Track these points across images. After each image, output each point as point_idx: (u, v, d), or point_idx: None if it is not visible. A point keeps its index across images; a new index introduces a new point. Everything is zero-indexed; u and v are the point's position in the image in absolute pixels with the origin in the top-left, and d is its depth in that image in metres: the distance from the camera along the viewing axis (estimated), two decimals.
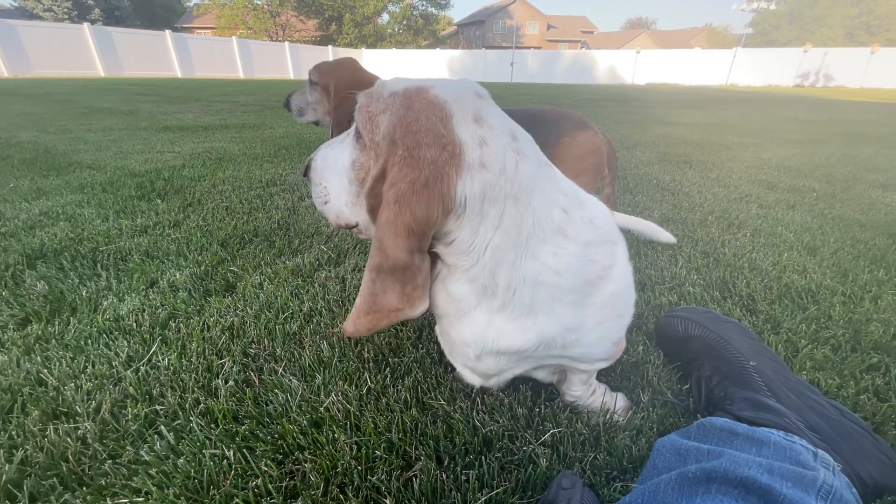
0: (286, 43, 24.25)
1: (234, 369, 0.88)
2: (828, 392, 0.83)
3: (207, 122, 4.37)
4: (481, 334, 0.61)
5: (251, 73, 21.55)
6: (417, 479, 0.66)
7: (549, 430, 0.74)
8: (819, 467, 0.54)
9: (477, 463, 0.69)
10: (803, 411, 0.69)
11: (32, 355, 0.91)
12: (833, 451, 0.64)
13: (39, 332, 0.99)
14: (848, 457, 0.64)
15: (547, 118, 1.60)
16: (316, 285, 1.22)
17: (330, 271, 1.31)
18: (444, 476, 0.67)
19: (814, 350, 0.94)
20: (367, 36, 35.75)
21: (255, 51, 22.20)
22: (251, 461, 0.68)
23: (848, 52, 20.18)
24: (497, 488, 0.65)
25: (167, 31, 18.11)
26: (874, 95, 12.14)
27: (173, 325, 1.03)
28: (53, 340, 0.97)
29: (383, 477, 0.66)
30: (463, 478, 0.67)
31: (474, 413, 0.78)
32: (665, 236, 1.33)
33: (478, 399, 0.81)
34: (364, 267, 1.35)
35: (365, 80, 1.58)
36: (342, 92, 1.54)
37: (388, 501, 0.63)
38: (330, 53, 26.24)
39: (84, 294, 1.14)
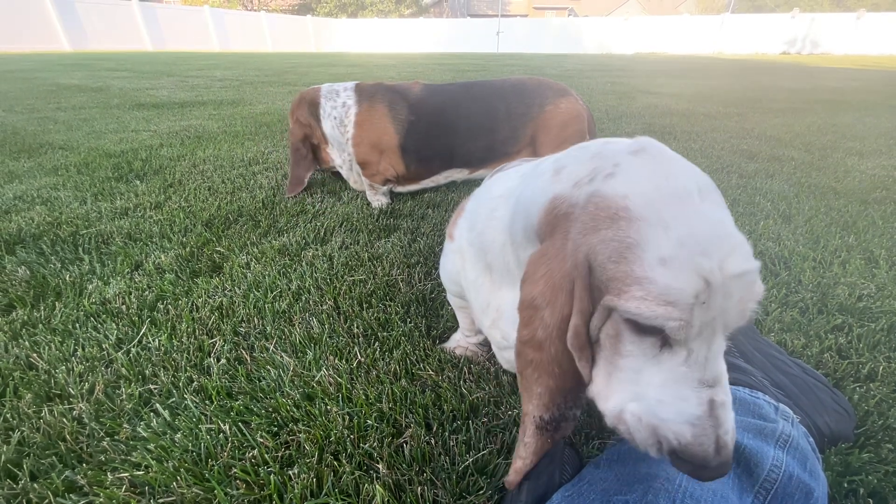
0: (262, 12, 23.13)
1: (225, 348, 0.90)
2: (793, 351, 0.88)
3: (183, 99, 4.22)
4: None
5: (226, 46, 20.60)
6: (408, 445, 0.69)
7: None
8: (779, 419, 0.59)
9: (464, 428, 0.72)
10: (769, 370, 0.74)
11: (20, 340, 0.91)
12: (794, 404, 0.69)
13: (25, 318, 0.98)
14: (808, 409, 0.69)
15: (529, 87, 1.60)
16: (303, 264, 1.22)
17: (317, 249, 1.31)
18: (434, 441, 0.70)
19: (782, 313, 0.99)
20: (347, 5, 34.27)
21: (230, 21, 21.14)
22: (247, 434, 0.71)
23: (834, 18, 20.06)
24: (483, 450, 0.69)
25: (133, 1, 17.07)
26: (859, 62, 12.18)
27: (161, 306, 1.03)
28: (40, 325, 0.96)
29: (375, 444, 0.69)
30: (451, 442, 0.70)
31: (461, 382, 0.81)
32: None
33: (465, 368, 0.85)
34: (347, 243, 1.35)
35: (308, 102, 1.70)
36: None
37: (380, 466, 0.66)
38: (309, 24, 25.16)
39: (67, 278, 1.13)
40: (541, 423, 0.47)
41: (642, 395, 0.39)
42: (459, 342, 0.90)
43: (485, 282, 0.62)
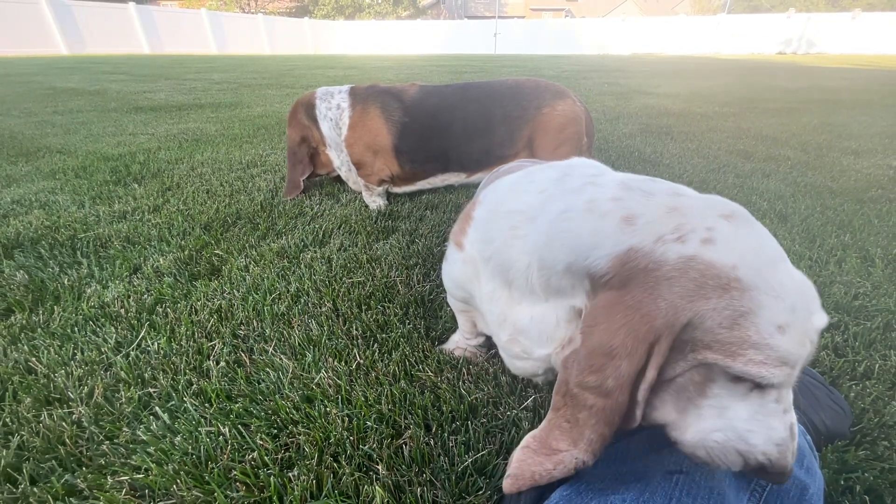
0: (260, 15, 23.17)
1: (224, 350, 0.90)
2: None
3: (181, 102, 4.22)
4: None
5: (224, 48, 20.60)
6: (407, 446, 0.70)
7: (530, 396, 0.79)
8: None
9: (463, 429, 0.73)
10: None
11: (19, 344, 0.91)
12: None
13: (24, 322, 0.98)
14: (804, 407, 0.69)
15: (526, 89, 1.59)
16: (302, 266, 1.23)
17: (315, 251, 1.31)
18: (433, 442, 0.71)
19: None
20: (344, 7, 34.31)
21: (227, 24, 21.15)
22: (246, 436, 0.71)
23: (830, 18, 20.17)
24: (482, 451, 0.69)
25: (130, 3, 17.04)
26: (854, 61, 12.24)
27: (160, 310, 1.03)
28: (39, 329, 0.96)
29: (375, 445, 0.70)
30: (450, 443, 0.71)
31: (460, 383, 0.82)
32: None
33: (463, 369, 0.85)
34: (346, 245, 1.36)
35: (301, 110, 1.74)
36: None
37: (380, 467, 0.66)
38: (307, 26, 25.20)
39: (66, 282, 1.13)
40: (583, 466, 0.48)
41: (727, 426, 0.44)
42: (459, 343, 0.90)
43: (502, 295, 0.61)
